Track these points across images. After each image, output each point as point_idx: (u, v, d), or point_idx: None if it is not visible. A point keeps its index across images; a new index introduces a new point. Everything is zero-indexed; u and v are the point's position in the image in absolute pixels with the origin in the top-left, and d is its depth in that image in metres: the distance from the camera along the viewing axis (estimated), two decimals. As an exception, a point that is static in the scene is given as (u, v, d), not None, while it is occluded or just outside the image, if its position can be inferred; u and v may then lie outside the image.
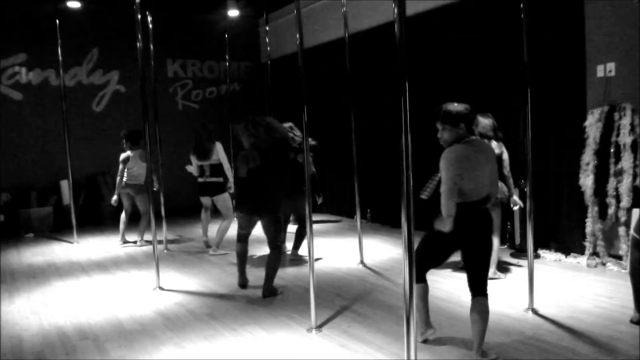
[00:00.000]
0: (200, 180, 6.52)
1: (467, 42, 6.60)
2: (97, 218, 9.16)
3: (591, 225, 5.39)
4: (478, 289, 3.23)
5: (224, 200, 6.49)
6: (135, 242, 7.26)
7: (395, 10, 2.06)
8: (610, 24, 5.23)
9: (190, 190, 9.46)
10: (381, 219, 8.22)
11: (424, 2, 7.02)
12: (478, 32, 6.46)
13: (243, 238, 4.99)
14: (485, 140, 5.10)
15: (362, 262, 5.82)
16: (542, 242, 5.85)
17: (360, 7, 7.97)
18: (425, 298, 3.47)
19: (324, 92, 8.90)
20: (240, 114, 9.98)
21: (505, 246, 6.22)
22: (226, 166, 6.43)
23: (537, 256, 5.78)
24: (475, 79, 6.45)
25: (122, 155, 7.06)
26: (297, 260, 5.98)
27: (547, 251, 5.82)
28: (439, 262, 3.50)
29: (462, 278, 5.00)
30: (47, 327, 4.22)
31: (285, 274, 5.48)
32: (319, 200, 6.19)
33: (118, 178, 7.06)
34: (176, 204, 9.12)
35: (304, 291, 4.85)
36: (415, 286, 3.41)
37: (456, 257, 4.57)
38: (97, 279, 5.61)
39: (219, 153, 6.40)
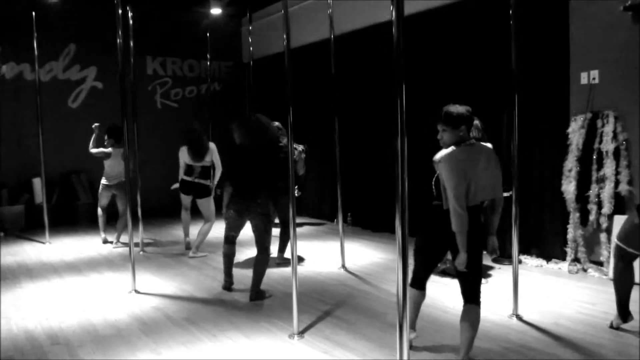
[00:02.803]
0: (187, 178, 6.35)
1: (451, 45, 6.59)
2: (70, 218, 8.89)
3: (572, 231, 5.41)
4: (471, 296, 3.17)
5: (209, 204, 6.36)
6: (111, 243, 7.07)
7: (394, 13, 1.97)
8: (595, 31, 5.27)
9: (166, 190, 9.32)
10: (362, 222, 8.16)
11: (413, 3, 6.99)
12: (462, 35, 6.46)
13: (231, 239, 4.86)
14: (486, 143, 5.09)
15: (343, 266, 5.74)
16: (524, 248, 5.85)
17: (346, 9, 7.91)
18: (419, 305, 3.40)
19: (308, 93, 8.81)
20: (221, 114, 9.87)
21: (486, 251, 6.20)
22: (219, 167, 6.30)
23: (518, 262, 5.78)
24: (458, 82, 6.44)
25: (104, 150, 6.85)
26: (284, 263, 5.85)
27: (528, 257, 5.82)
28: (434, 266, 3.43)
29: (445, 283, 4.98)
30: (17, 331, 4.03)
31: (266, 278, 5.35)
32: (297, 193, 6.07)
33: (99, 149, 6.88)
34: (152, 204, 8.91)
35: (285, 296, 4.75)
36: (412, 291, 3.36)
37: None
38: (69, 281, 5.42)
39: (214, 154, 6.28)
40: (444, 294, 4.69)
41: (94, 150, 6.92)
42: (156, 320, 4.22)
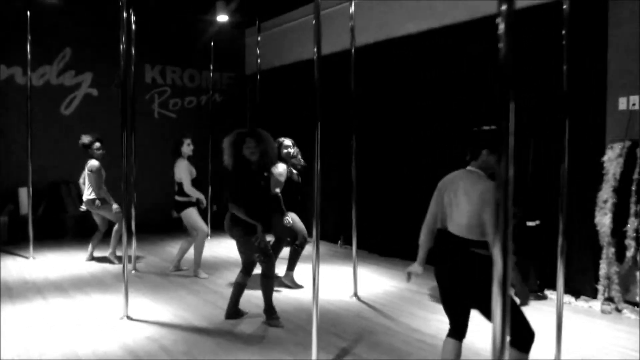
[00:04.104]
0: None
1: (475, 64, 6.24)
2: (58, 231, 8.32)
3: (606, 267, 4.99)
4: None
5: (188, 218, 5.96)
6: (102, 259, 6.55)
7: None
8: (635, 53, 4.93)
9: (163, 204, 8.82)
10: (368, 246, 7.70)
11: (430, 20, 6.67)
12: (483, 55, 6.12)
13: (244, 269, 4.52)
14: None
15: (356, 294, 5.27)
16: (549, 283, 5.43)
17: (361, 22, 7.56)
18: (455, 355, 2.93)
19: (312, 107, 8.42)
20: (221, 127, 9.42)
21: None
22: (185, 185, 5.90)
23: (543, 297, 5.37)
24: (478, 103, 6.08)
25: (96, 164, 6.37)
26: (288, 285, 5.54)
27: (554, 292, 5.39)
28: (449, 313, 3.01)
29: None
30: (-10, 363, 3.51)
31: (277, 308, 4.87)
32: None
33: (104, 189, 6.41)
34: (148, 220, 8.38)
35: (297, 328, 4.27)
36: (449, 342, 2.91)
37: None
38: (54, 304, 4.88)
39: (180, 170, 5.91)
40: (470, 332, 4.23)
41: (96, 169, 6.45)
42: (151, 353, 3.72)
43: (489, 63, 6.08)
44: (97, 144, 6.42)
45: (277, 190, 5.27)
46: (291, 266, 5.56)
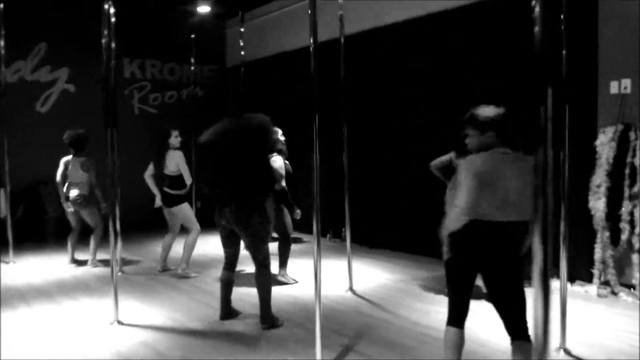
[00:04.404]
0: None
1: (473, 48, 6.15)
2: (38, 234, 8.04)
3: (601, 251, 4.99)
4: (517, 330, 2.72)
5: (182, 213, 5.77)
6: (86, 262, 6.34)
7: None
8: (627, 36, 4.89)
9: (145, 203, 8.59)
10: (358, 239, 7.60)
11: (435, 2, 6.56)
12: (483, 37, 6.04)
13: (227, 265, 4.31)
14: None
15: (351, 289, 5.17)
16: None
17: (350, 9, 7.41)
18: (461, 348, 2.86)
19: (303, 99, 8.27)
20: (203, 122, 9.20)
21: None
22: (187, 178, 5.73)
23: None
24: (472, 87, 6.01)
25: (64, 159, 6.18)
26: (283, 282, 5.42)
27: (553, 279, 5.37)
28: (470, 294, 2.91)
29: (473, 310, 4.45)
30: (-24, 376, 3.33)
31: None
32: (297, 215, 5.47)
33: (58, 179, 6.19)
34: (129, 219, 8.16)
35: (295, 325, 4.16)
36: (451, 331, 2.84)
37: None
38: (39, 310, 4.68)
39: (179, 163, 5.71)
40: (476, 323, 4.17)
41: (63, 162, 6.22)
42: (146, 360, 3.58)
43: (475, 50, 6.03)
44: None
45: (283, 183, 5.08)
46: (284, 262, 5.45)
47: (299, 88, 8.57)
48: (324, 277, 5.68)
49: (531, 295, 1.80)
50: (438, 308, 4.56)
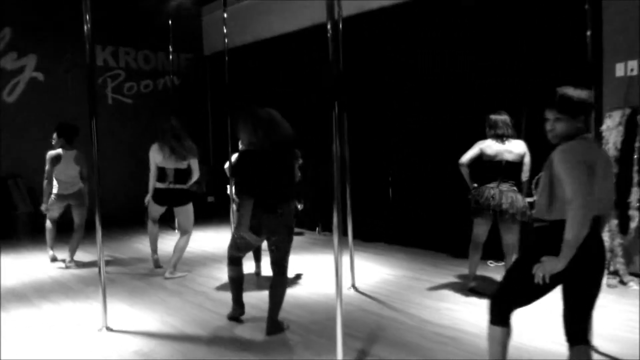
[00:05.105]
0: (160, 186, 5.30)
1: (471, 37, 5.94)
2: (8, 231, 7.53)
3: (609, 240, 4.86)
4: (579, 334, 2.49)
5: (190, 212, 5.37)
6: (62, 261, 5.92)
7: None
8: (632, 16, 4.74)
9: (121, 197, 8.16)
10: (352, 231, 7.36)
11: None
12: (480, 28, 5.84)
13: (238, 261, 3.97)
14: (518, 140, 4.45)
15: (353, 286, 4.92)
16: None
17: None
18: (507, 346, 2.63)
19: (301, 85, 7.96)
20: (180, 112, 8.79)
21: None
22: (197, 173, 5.37)
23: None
24: (470, 78, 5.80)
25: (51, 153, 5.71)
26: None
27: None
28: (531, 299, 2.65)
29: (480, 305, 4.26)
30: (-49, 398, 2.95)
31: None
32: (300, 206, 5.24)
33: (45, 182, 5.69)
34: (109, 215, 7.72)
35: (300, 328, 3.89)
36: (498, 330, 2.62)
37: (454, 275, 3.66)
38: (16, 315, 4.27)
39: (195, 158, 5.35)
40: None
41: (49, 159, 5.72)
42: (144, 371, 3.25)
43: (464, 33, 5.85)
44: (54, 135, 5.80)
45: None
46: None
47: (283, 76, 8.25)
48: (321, 274, 5.44)
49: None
50: (448, 305, 4.36)
